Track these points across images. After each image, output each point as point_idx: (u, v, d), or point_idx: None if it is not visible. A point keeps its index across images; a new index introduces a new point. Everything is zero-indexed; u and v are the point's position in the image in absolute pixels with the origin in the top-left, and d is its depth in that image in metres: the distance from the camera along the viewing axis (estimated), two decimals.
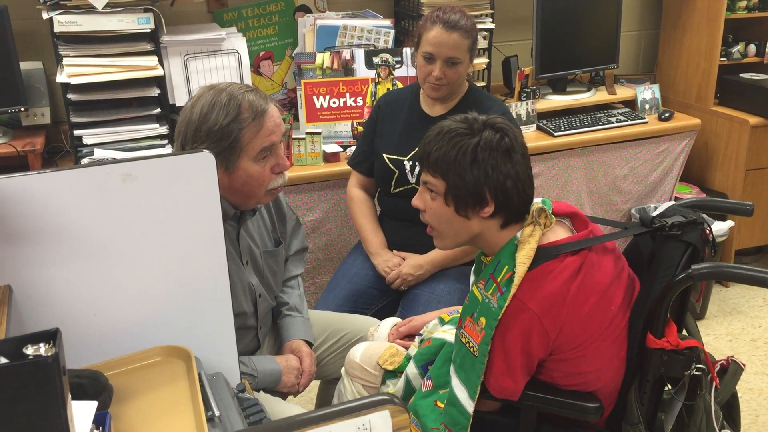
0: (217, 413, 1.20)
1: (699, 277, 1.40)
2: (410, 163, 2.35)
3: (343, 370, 1.92)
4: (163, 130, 2.66)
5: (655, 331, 1.46)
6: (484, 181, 1.49)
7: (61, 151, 2.91)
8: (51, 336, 0.86)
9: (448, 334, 1.77)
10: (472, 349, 1.48)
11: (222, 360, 1.42)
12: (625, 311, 1.56)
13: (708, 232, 1.49)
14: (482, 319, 1.47)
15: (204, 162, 1.33)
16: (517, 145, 1.53)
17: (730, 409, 1.63)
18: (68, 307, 1.29)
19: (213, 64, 2.78)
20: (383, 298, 2.37)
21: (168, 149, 2.65)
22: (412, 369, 1.76)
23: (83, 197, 1.26)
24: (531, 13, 3.30)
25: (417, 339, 1.87)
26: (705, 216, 1.54)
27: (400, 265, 2.32)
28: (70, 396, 0.92)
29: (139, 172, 1.29)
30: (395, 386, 1.79)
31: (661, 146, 3.36)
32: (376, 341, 1.99)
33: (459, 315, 1.62)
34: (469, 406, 1.48)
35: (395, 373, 1.83)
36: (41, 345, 0.85)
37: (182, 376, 1.29)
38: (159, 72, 2.61)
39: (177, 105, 2.72)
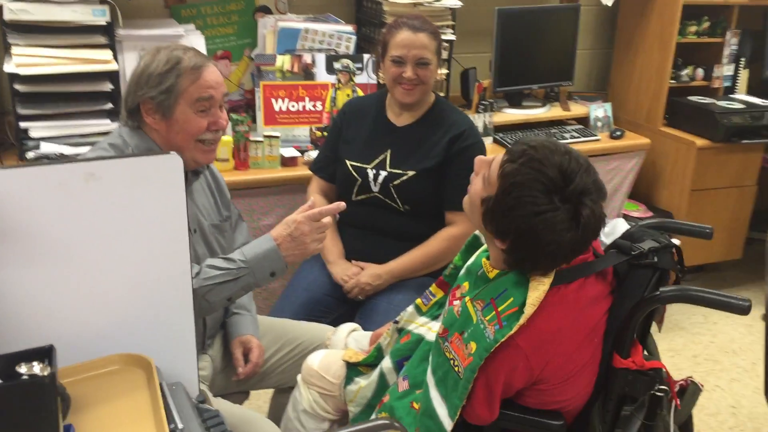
0: (180, 426, 1.15)
1: (666, 300, 1.42)
2: (374, 171, 2.32)
3: (299, 377, 1.89)
4: (114, 126, 2.58)
5: (621, 350, 1.47)
6: (515, 218, 1.40)
7: (4, 143, 2.79)
8: (45, 353, 0.81)
9: (425, 328, 1.73)
10: (456, 369, 1.44)
11: (182, 369, 1.36)
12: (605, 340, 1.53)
13: (676, 254, 1.52)
14: (473, 344, 1.41)
15: (170, 164, 1.29)
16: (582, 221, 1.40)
17: (685, 429, 1.66)
18: (22, 310, 1.22)
19: None
20: (340, 307, 2.34)
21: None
22: (387, 363, 1.72)
23: (43, 196, 1.19)
24: (491, 27, 3.32)
25: (393, 326, 1.81)
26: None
27: (358, 274, 2.30)
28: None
29: (103, 172, 1.23)
30: (365, 382, 1.75)
31: (612, 164, 3.42)
32: (334, 349, 1.96)
33: (441, 322, 1.58)
34: (448, 425, 1.45)
35: (359, 370, 1.79)
36: (35, 363, 0.79)
37: (142, 385, 1.24)
38: (113, 66, 2.53)
39: None
